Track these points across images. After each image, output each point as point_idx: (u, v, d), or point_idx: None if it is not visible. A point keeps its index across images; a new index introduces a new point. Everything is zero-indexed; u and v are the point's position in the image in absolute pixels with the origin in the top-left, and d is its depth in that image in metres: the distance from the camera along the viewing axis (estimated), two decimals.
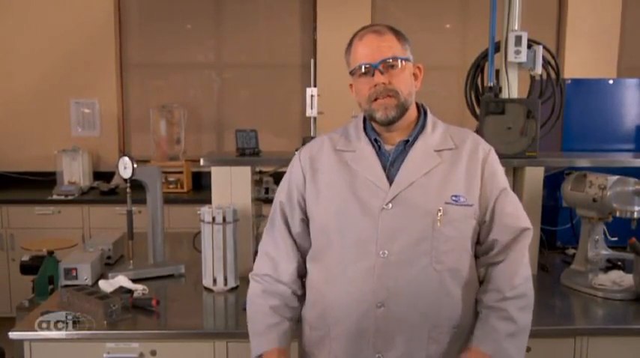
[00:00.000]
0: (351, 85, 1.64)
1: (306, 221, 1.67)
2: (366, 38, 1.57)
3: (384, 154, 1.61)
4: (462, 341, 1.58)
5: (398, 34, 1.59)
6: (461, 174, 1.57)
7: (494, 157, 1.64)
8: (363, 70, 1.56)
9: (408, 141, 1.61)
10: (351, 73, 1.60)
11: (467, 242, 1.57)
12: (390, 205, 1.53)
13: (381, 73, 1.54)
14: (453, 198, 1.54)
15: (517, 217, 1.62)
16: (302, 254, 1.69)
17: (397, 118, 1.57)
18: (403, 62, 1.56)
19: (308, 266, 1.68)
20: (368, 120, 1.65)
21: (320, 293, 1.62)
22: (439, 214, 1.52)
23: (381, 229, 1.53)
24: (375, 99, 1.56)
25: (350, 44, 1.61)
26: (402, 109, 1.57)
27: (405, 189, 1.54)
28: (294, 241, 1.69)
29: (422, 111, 1.66)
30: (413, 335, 1.54)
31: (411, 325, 1.53)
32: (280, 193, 1.72)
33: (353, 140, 1.65)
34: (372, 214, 1.54)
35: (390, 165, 1.59)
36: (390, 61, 1.54)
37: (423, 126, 1.63)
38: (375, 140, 1.62)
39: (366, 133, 1.64)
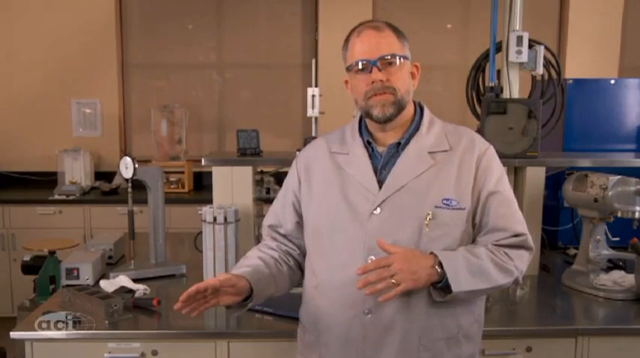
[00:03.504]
0: (346, 82, 1.61)
1: (301, 224, 1.67)
2: (365, 34, 1.54)
3: (376, 157, 1.58)
4: (455, 348, 1.54)
5: (396, 31, 1.56)
6: (453, 176, 1.53)
7: (490, 155, 1.58)
8: (360, 66, 1.53)
9: (399, 143, 1.58)
10: (348, 69, 1.58)
11: (456, 246, 1.52)
12: (379, 210, 1.51)
13: (379, 69, 1.51)
14: (445, 201, 1.50)
15: (508, 220, 1.54)
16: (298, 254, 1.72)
17: (394, 116, 1.54)
18: (401, 60, 1.53)
19: (305, 269, 1.68)
20: (363, 118, 1.62)
21: (311, 297, 1.62)
22: (427, 218, 1.49)
23: (370, 234, 1.50)
24: (372, 96, 1.53)
25: (347, 39, 1.58)
26: (399, 107, 1.54)
27: (394, 193, 1.51)
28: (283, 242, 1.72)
29: (418, 110, 1.63)
30: (403, 343, 1.51)
31: (400, 332, 1.50)
32: (277, 201, 1.74)
33: (348, 142, 1.63)
34: (361, 219, 1.52)
35: (382, 168, 1.56)
36: (389, 57, 1.51)
37: (418, 126, 1.60)
38: (368, 142, 1.60)
39: (361, 135, 1.62)
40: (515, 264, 1.52)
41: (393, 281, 1.39)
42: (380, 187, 1.53)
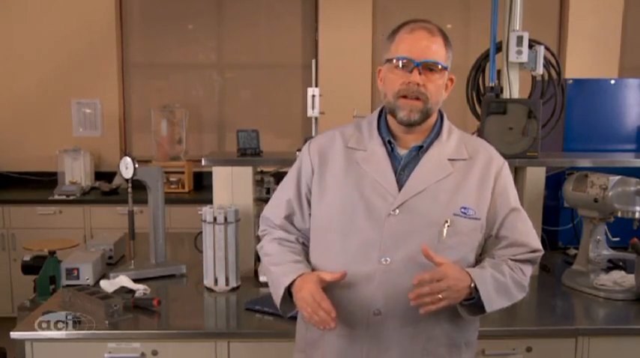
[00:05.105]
0: (379, 71, 1.59)
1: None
2: (417, 33, 1.53)
3: (396, 157, 1.57)
4: (456, 356, 1.56)
5: (446, 40, 1.55)
6: (472, 186, 1.53)
7: (506, 172, 1.60)
8: (401, 64, 1.51)
9: (422, 146, 1.57)
10: (388, 60, 1.55)
11: (470, 255, 1.54)
12: (397, 211, 1.50)
13: (420, 73, 1.49)
14: (462, 209, 1.51)
15: (528, 236, 1.59)
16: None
17: (418, 123, 1.53)
18: (443, 69, 1.52)
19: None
20: (385, 116, 1.60)
21: None
22: (446, 225, 1.49)
23: (386, 235, 1.49)
24: (404, 97, 1.51)
25: (396, 32, 1.56)
26: (426, 115, 1.53)
27: (414, 196, 1.50)
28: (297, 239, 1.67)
29: (439, 117, 1.62)
30: (407, 347, 1.51)
31: (406, 336, 1.51)
32: (288, 190, 1.66)
33: (365, 138, 1.60)
34: (378, 219, 1.50)
35: (402, 170, 1.55)
36: (432, 64, 1.50)
37: (439, 132, 1.59)
38: (389, 141, 1.58)
39: (380, 133, 1.60)
40: (527, 278, 1.57)
41: (439, 296, 1.41)
42: (398, 189, 1.52)
